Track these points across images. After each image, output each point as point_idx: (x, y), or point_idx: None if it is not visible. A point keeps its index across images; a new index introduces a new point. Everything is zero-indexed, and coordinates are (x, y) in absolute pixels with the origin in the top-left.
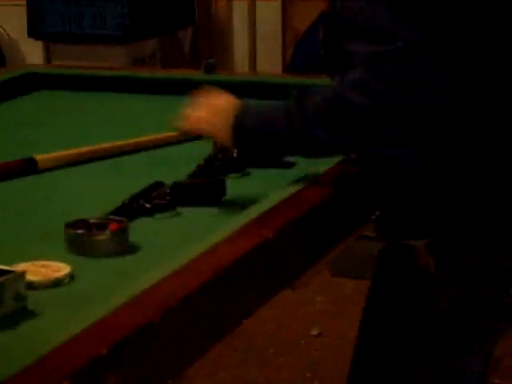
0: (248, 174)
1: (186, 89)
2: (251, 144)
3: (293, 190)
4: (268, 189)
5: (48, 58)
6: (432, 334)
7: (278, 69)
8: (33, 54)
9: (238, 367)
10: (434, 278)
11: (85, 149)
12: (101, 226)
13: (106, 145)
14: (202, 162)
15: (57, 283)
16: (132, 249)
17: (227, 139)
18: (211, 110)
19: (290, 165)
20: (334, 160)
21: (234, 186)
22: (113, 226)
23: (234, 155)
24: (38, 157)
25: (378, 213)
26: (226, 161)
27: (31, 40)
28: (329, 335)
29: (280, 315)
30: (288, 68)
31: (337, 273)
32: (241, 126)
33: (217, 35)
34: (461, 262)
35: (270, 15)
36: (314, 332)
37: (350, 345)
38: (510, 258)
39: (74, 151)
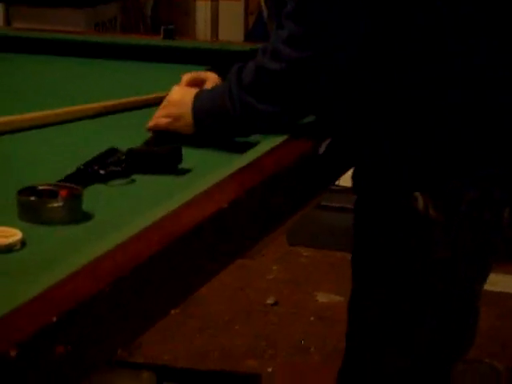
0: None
1: (146, 54)
2: (210, 123)
3: (246, 160)
4: (224, 159)
5: (8, 21)
6: (442, 272)
7: (240, 35)
8: None
9: (192, 334)
10: (434, 221)
11: (38, 113)
12: (53, 193)
13: (61, 109)
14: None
15: (8, 249)
16: (85, 216)
17: (189, 127)
18: (170, 103)
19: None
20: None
21: (191, 154)
22: (65, 193)
23: None
24: None
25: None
26: None
27: None
28: (284, 304)
29: (236, 283)
30: (249, 35)
31: (294, 242)
32: (198, 108)
33: (178, 0)
34: (458, 196)
35: None
36: (270, 301)
37: (306, 314)
38: (498, 185)
39: (26, 116)
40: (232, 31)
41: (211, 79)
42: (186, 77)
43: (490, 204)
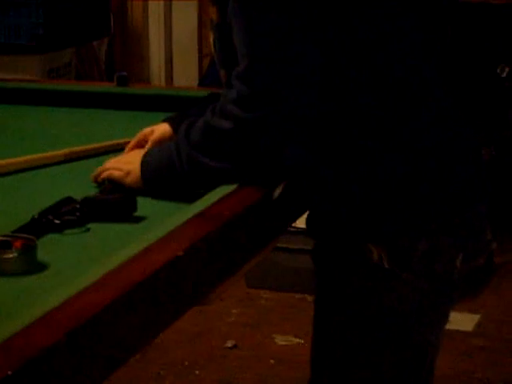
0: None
1: (100, 101)
2: (157, 179)
3: (200, 207)
4: (178, 207)
5: None
6: (396, 323)
7: (195, 79)
8: None
9: (152, 380)
10: (388, 271)
11: None
12: (7, 244)
13: (15, 159)
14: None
15: None
16: (40, 267)
17: (138, 182)
18: (122, 160)
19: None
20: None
21: (145, 203)
22: (20, 244)
23: None
24: None
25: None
26: None
27: None
28: (244, 347)
29: (196, 328)
30: (204, 79)
31: (253, 284)
32: (146, 163)
33: (132, 46)
34: (410, 248)
35: (186, 25)
36: (229, 344)
37: (265, 356)
38: (449, 234)
39: None
40: (186, 75)
41: (159, 130)
42: (136, 137)
43: (441, 254)
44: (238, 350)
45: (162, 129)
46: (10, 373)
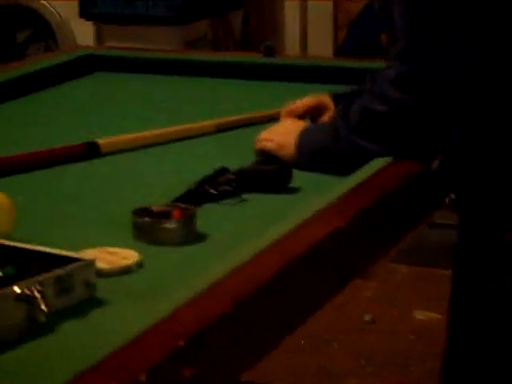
0: None
1: (246, 72)
2: (313, 161)
3: (358, 179)
4: (332, 178)
5: (99, 39)
6: None
7: (329, 51)
8: (84, 34)
9: (291, 352)
10: None
11: (147, 133)
12: (168, 214)
13: (169, 129)
14: None
15: (125, 271)
16: (199, 236)
17: (291, 157)
18: (276, 131)
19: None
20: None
21: (300, 173)
22: (179, 214)
23: None
24: (101, 140)
25: (452, 196)
26: None
27: (82, 21)
28: (382, 322)
29: (333, 301)
30: (340, 50)
31: (390, 258)
32: (302, 145)
33: (267, 17)
34: None
35: None
36: (367, 318)
37: (404, 331)
38: None
39: (136, 135)
40: (321, 45)
41: (318, 97)
42: (305, 102)
43: None
44: (376, 325)
45: (322, 97)
46: (182, 343)
